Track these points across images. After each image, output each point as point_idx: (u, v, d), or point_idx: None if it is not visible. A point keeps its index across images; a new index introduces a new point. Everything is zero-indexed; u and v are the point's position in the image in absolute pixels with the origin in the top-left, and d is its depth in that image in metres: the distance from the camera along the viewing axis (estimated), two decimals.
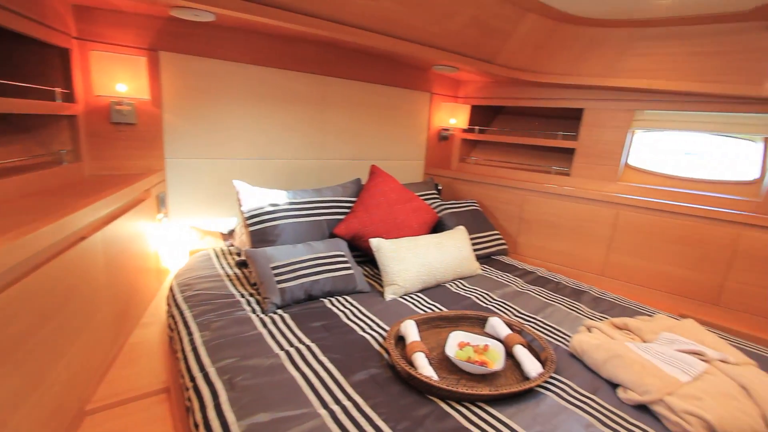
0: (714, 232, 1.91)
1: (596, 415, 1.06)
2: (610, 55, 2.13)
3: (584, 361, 1.29)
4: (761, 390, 1.07)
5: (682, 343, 1.28)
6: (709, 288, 1.95)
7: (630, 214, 2.14)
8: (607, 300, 1.81)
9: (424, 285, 1.76)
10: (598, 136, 2.34)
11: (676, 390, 1.07)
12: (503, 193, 2.63)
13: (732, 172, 2.12)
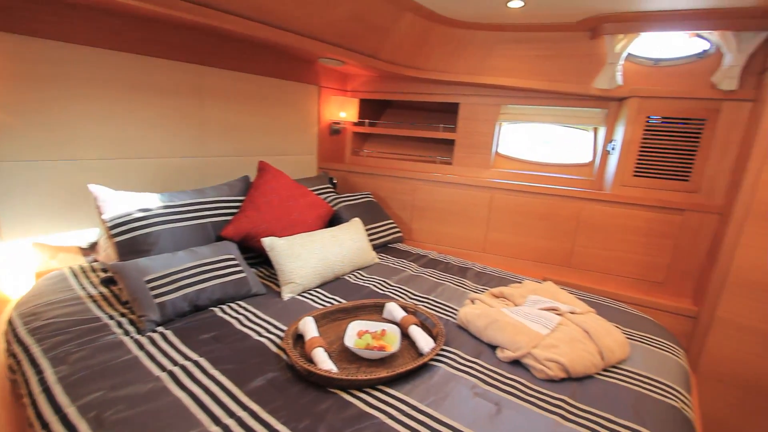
0: (564, 207, 2.29)
1: (480, 376, 1.19)
2: (478, 55, 2.37)
3: (469, 330, 1.43)
4: (597, 331, 1.33)
5: (543, 303, 1.51)
6: (562, 254, 2.34)
7: (502, 197, 2.44)
8: (488, 274, 2.04)
9: (323, 280, 1.75)
10: (472, 128, 2.59)
11: (539, 342, 1.26)
12: (395, 184, 2.75)
13: (575, 156, 2.56)
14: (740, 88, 1.86)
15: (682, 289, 2.09)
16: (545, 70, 2.26)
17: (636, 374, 1.24)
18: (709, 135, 1.95)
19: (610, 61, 2.05)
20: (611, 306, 1.73)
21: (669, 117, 2.02)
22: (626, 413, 1.07)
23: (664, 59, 2.03)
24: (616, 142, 2.17)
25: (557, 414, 1.05)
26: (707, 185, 1.98)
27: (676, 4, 1.71)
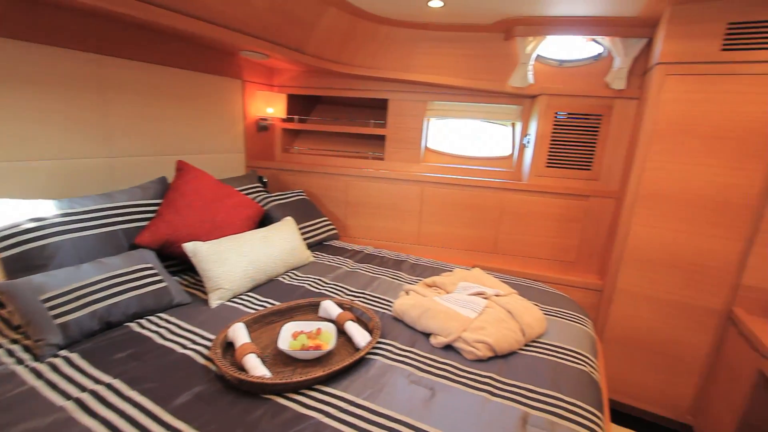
0: (488, 197, 2.44)
1: (415, 364, 1.23)
2: (403, 52, 2.42)
3: (404, 321, 1.47)
4: (519, 310, 1.44)
5: (472, 288, 1.60)
6: (489, 241, 2.50)
7: (432, 190, 2.53)
8: (422, 265, 2.11)
9: (254, 283, 1.68)
10: (402, 123, 2.65)
11: (468, 326, 1.34)
12: (329, 180, 2.72)
13: (497, 149, 2.74)
14: (628, 88, 2.12)
15: (589, 267, 2.35)
16: (467, 68, 2.38)
17: (552, 346, 1.38)
18: (605, 129, 2.21)
19: (522, 62, 2.21)
20: (531, 286, 1.88)
21: (573, 113, 2.25)
22: (545, 382, 1.18)
23: (567, 61, 2.25)
24: (531, 136, 2.37)
25: (485, 391, 1.12)
26: (605, 173, 2.24)
27: (574, 11, 1.90)
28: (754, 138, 1.66)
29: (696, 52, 1.69)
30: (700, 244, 1.81)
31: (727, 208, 1.74)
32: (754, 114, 1.64)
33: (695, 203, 1.79)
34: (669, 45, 1.74)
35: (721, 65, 1.66)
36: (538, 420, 1.02)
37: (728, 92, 1.67)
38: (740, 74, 1.64)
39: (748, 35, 1.60)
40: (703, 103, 1.72)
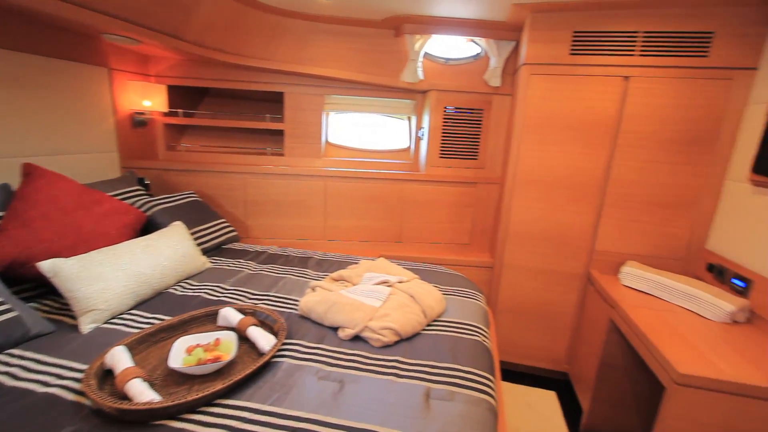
0: (390, 189, 2.53)
1: (324, 360, 1.23)
2: (297, 44, 2.35)
3: (312, 318, 1.45)
4: (420, 294, 1.53)
5: (377, 278, 1.65)
6: (394, 231, 2.60)
7: (335, 184, 2.53)
8: (329, 260, 2.10)
9: (138, 299, 1.49)
10: (300, 117, 2.58)
11: (374, 315, 1.38)
12: (225, 179, 2.54)
13: (397, 142, 2.84)
14: (503, 85, 2.38)
15: (482, 246, 2.60)
16: (361, 62, 2.41)
17: (451, 323, 1.50)
18: (486, 122, 2.45)
19: (412, 58, 2.33)
20: (432, 270, 2.02)
21: (460, 107, 2.44)
22: (446, 357, 1.27)
23: (452, 59, 2.43)
24: (425, 129, 2.51)
25: (392, 374, 1.17)
26: (489, 162, 2.50)
27: (453, 13, 2.05)
28: (599, 129, 2.00)
29: (551, 55, 1.97)
30: (563, 219, 2.13)
31: (581, 188, 2.07)
32: (599, 109, 1.98)
33: (558, 184, 2.10)
34: (531, 48, 1.99)
35: (571, 67, 1.96)
36: (440, 392, 1.10)
37: (578, 90, 1.99)
38: (586, 75, 1.96)
39: (590, 43, 1.91)
40: (560, 100, 2.01)
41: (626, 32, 1.85)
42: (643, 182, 1.97)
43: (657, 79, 1.86)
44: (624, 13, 1.84)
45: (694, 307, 1.64)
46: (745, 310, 1.56)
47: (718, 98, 1.81)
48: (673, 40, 1.81)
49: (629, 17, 1.84)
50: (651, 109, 1.90)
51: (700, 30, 1.78)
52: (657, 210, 1.99)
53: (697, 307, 1.63)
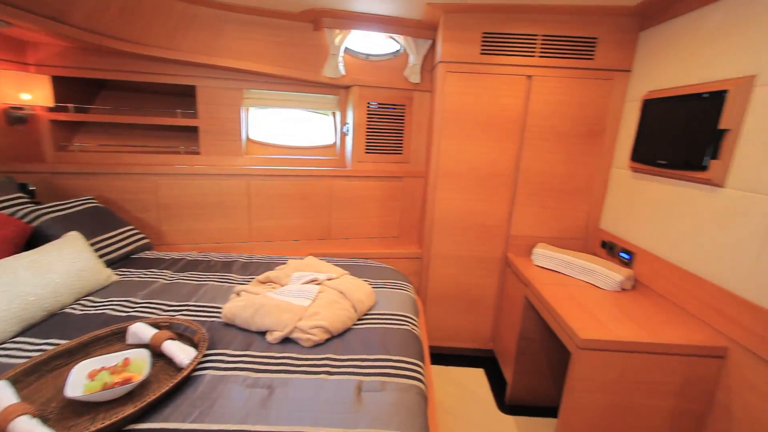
0: (317, 185, 2.49)
1: (252, 367, 1.18)
2: (208, 33, 2.19)
3: (237, 324, 1.38)
4: (349, 289, 1.54)
5: (305, 277, 1.62)
6: (322, 228, 2.57)
7: (259, 183, 2.42)
8: (255, 262, 2.01)
9: (25, 323, 1.29)
10: (216, 113, 2.42)
11: (303, 314, 1.35)
12: (132, 182, 2.29)
13: (323, 138, 2.80)
14: (422, 82, 2.46)
15: (410, 238, 2.69)
16: (281, 56, 2.33)
17: (382, 315, 1.52)
18: (409, 117, 2.52)
19: (333, 53, 2.30)
20: (362, 264, 2.03)
21: (383, 103, 2.48)
22: (377, 349, 1.30)
23: (373, 55, 2.45)
24: (349, 125, 2.51)
25: (323, 372, 1.16)
26: (414, 156, 2.58)
27: (370, 9, 2.07)
28: (509, 124, 2.16)
29: (464, 54, 2.08)
30: (482, 208, 2.28)
31: (496, 179, 2.24)
32: (508, 105, 2.14)
33: (476, 176, 2.24)
34: (446, 47, 2.08)
35: (482, 66, 2.09)
36: (371, 384, 1.12)
37: (489, 88, 2.13)
38: (495, 74, 2.10)
39: (497, 43, 2.06)
40: (474, 96, 2.14)
41: (527, 35, 2.03)
42: (548, 172, 2.19)
43: (554, 79, 2.07)
44: (525, 17, 2.01)
45: (592, 280, 1.87)
46: (630, 279, 1.81)
47: (603, 96, 2.07)
48: (566, 44, 2.02)
49: (529, 21, 2.01)
50: (551, 106, 2.10)
51: (587, 35, 2.01)
52: (560, 196, 2.22)
53: (595, 279, 1.85)
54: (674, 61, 1.71)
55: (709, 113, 1.43)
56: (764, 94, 1.27)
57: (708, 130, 1.43)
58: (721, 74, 1.45)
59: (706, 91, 1.46)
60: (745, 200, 1.31)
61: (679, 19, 1.69)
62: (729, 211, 1.37)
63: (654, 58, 1.85)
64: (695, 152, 1.48)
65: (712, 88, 1.44)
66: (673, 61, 1.71)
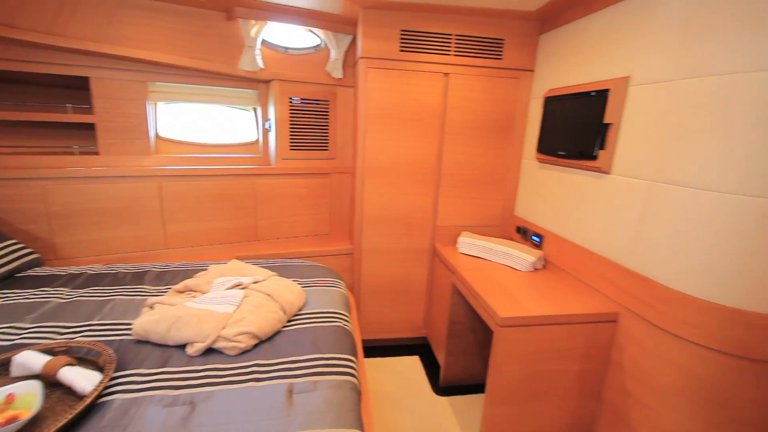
0: (239, 185, 2.36)
1: (170, 384, 1.08)
2: (100, 18, 1.95)
3: (152, 340, 1.27)
4: (277, 290, 1.49)
5: (229, 282, 1.53)
6: (248, 229, 2.45)
7: (173, 184, 2.23)
8: (172, 270, 1.85)
9: None
10: (116, 108, 2.17)
11: (227, 322, 1.28)
12: (10, 188, 1.96)
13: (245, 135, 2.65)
14: (345, 77, 2.45)
15: (341, 235, 2.68)
16: (190, 46, 2.15)
17: (313, 314, 1.50)
18: (333, 113, 2.50)
19: (249, 45, 2.19)
20: (291, 264, 1.98)
21: (306, 98, 2.42)
22: (307, 349, 1.27)
23: (292, 48, 2.38)
24: (272, 121, 2.41)
25: (252, 380, 1.11)
26: (340, 152, 2.56)
27: (288, 1, 2.00)
28: (429, 119, 2.25)
29: (384, 51, 2.11)
30: (410, 201, 2.35)
31: (421, 172, 2.32)
32: (428, 101, 2.22)
33: (401, 170, 2.30)
34: (366, 42, 2.09)
35: (402, 62, 2.14)
36: (303, 385, 1.10)
37: (410, 84, 2.19)
38: (415, 71, 2.17)
39: (415, 41, 2.12)
40: (396, 92, 2.18)
41: (442, 34, 2.12)
42: (468, 164, 2.32)
43: (469, 77, 2.19)
44: (439, 17, 2.10)
45: (509, 263, 2.03)
46: (541, 259, 2.00)
47: (512, 93, 2.25)
48: (477, 44, 2.15)
49: (444, 21, 2.10)
50: (467, 102, 2.23)
51: (495, 37, 2.16)
52: (480, 186, 2.37)
53: (512, 262, 2.02)
54: (568, 63, 1.91)
55: (596, 109, 1.63)
56: (636, 93, 1.48)
57: (596, 124, 1.63)
58: (604, 75, 1.65)
59: (593, 89, 1.66)
60: (626, 184, 1.51)
61: (571, 24, 1.89)
62: (615, 195, 1.57)
63: (552, 60, 2.05)
64: (587, 144, 1.68)
65: (597, 87, 1.64)
66: (567, 63, 1.91)
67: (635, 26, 1.49)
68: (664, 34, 1.36)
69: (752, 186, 1.11)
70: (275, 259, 2.11)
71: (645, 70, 1.44)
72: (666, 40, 1.35)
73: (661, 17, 1.38)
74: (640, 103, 1.46)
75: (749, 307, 1.16)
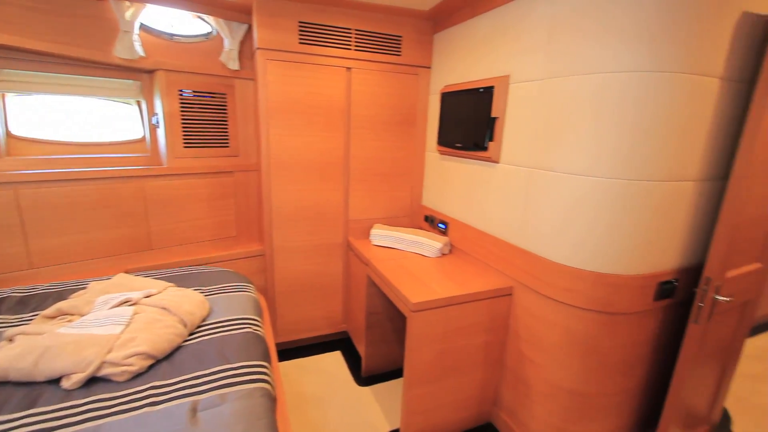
0: (125, 188, 2.09)
1: (41, 427, 0.92)
2: None
3: (13, 380, 1.06)
4: (175, 303, 1.36)
5: (115, 299, 1.35)
6: (140, 238, 2.18)
7: (35, 191, 1.88)
8: (39, 294, 1.57)
9: None
10: None
11: (114, 344, 1.13)
12: None
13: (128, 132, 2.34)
14: (243, 69, 2.31)
15: (250, 236, 2.54)
16: (48, 28, 1.82)
17: (219, 323, 1.40)
18: (232, 107, 2.34)
19: (125, 29, 1.93)
20: (193, 272, 1.82)
21: (199, 90, 2.23)
22: (213, 361, 1.19)
23: (179, 35, 2.16)
24: (159, 116, 2.17)
25: (147, 404, 1.00)
26: (243, 149, 2.42)
27: None
28: (334, 113, 2.23)
29: (283, 42, 2.03)
30: (320, 197, 2.32)
31: (329, 167, 2.30)
32: (332, 95, 2.20)
33: (309, 166, 2.25)
34: (263, 33, 1.99)
35: (302, 55, 2.09)
36: (209, 401, 1.02)
37: (313, 78, 2.14)
38: (316, 64, 2.13)
39: (315, 34, 2.08)
40: (299, 86, 2.12)
41: (342, 28, 2.11)
42: (375, 158, 2.37)
43: (371, 72, 2.23)
44: (338, 10, 2.08)
45: (419, 250, 2.13)
46: (447, 245, 2.14)
47: (412, 89, 2.34)
48: (377, 40, 2.20)
49: (343, 15, 2.10)
50: (370, 97, 2.27)
51: (394, 33, 2.22)
52: (388, 179, 2.44)
53: (421, 249, 2.12)
54: (460, 61, 2.05)
55: (484, 104, 1.78)
56: (516, 90, 1.65)
57: (485, 117, 1.78)
58: (489, 73, 1.81)
59: (481, 86, 1.81)
60: (511, 172, 1.69)
61: (461, 25, 2.03)
62: (504, 182, 1.74)
63: (446, 57, 2.18)
64: (479, 136, 1.83)
65: (484, 84, 1.79)
66: (460, 61, 2.05)
67: (513, 29, 1.66)
68: (536, 36, 1.54)
69: (615, 170, 1.32)
70: (174, 268, 1.92)
71: (522, 70, 1.62)
72: (537, 43, 1.53)
73: (534, 21, 1.55)
74: (520, 99, 1.63)
75: (609, 270, 1.39)
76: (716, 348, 1.59)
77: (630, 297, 1.41)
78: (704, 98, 1.30)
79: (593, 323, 1.45)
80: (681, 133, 1.30)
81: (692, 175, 1.38)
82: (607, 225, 1.35)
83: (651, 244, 1.38)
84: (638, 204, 1.32)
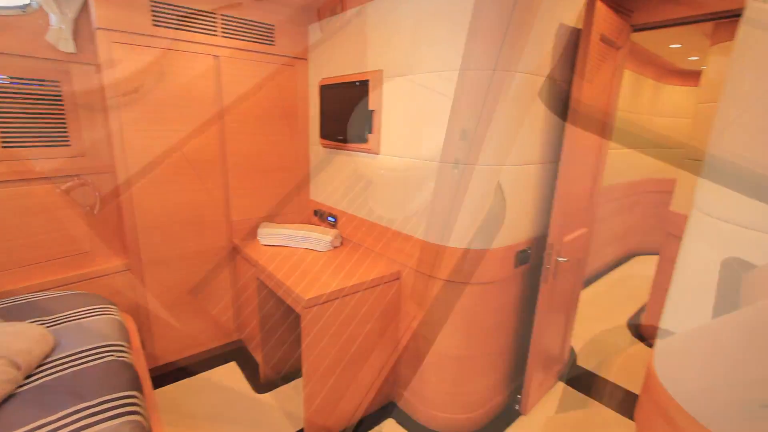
0: None
1: None
2: None
3: None
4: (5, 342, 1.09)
5: None
6: None
7: None
8: None
9: None
10: None
11: None
12: None
13: None
14: (82, 52, 1.93)
15: (110, 249, 2.17)
16: None
17: (68, 356, 1.18)
18: (71, 98, 1.95)
19: None
20: (29, 301, 1.49)
21: (18, 77, 1.79)
22: (64, 402, 0.99)
23: None
24: None
25: None
26: (91, 148, 2.04)
27: None
28: (205, 106, 2.03)
29: (131, 23, 1.76)
30: (196, 199, 2.11)
31: (204, 165, 2.10)
32: (200, 86, 1.99)
33: (181, 164, 2.02)
34: (102, 10, 1.70)
35: (159, 39, 1.84)
36: None
37: (174, 66, 1.91)
38: (178, 50, 1.90)
39: (172, 16, 1.85)
40: (158, 75, 1.87)
41: (205, 11, 1.93)
42: (256, 153, 2.24)
43: (242, 61, 2.09)
44: None
45: (310, 246, 2.10)
46: (338, 237, 2.15)
47: (290, 81, 2.27)
48: (247, 27, 2.06)
49: None
50: (244, 88, 2.12)
51: (265, 22, 2.11)
52: (272, 175, 2.33)
53: (312, 244, 2.09)
54: (336, 54, 2.05)
55: (362, 97, 1.82)
56: (389, 85, 1.72)
57: (364, 110, 1.83)
58: (365, 67, 1.86)
59: (357, 80, 1.85)
60: (391, 162, 1.77)
61: (334, 18, 2.03)
62: (385, 172, 1.82)
63: (322, 50, 2.17)
64: (359, 128, 1.87)
65: (360, 78, 1.83)
66: (335, 54, 2.06)
67: (384, 25, 1.73)
68: (402, 34, 1.63)
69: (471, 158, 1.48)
70: (4, 299, 1.54)
71: (392, 65, 1.69)
72: (403, 41, 1.62)
73: (400, 20, 1.63)
74: (392, 93, 1.71)
75: (478, 246, 1.57)
76: (561, 301, 1.94)
77: (496, 266, 1.62)
78: (537, 93, 1.54)
79: (470, 295, 1.62)
80: (525, 122, 1.52)
81: (535, 159, 1.63)
82: (476, 207, 1.52)
83: (509, 219, 1.60)
84: (497, 185, 1.52)
